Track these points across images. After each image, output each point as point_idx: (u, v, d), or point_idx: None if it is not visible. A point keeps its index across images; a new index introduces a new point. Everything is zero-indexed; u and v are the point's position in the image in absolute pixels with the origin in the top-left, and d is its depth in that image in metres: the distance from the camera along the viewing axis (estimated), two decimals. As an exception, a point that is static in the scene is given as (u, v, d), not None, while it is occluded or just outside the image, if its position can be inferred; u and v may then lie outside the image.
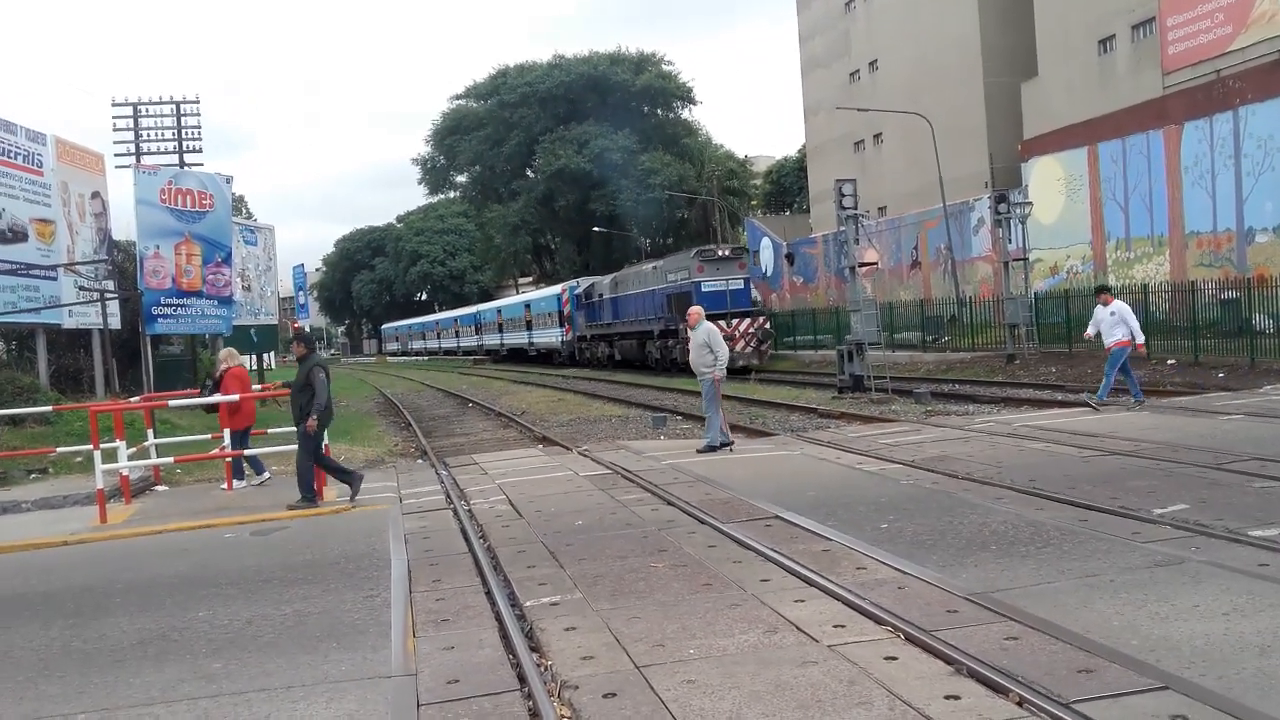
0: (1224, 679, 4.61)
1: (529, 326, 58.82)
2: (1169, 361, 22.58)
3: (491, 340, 69.95)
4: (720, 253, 35.37)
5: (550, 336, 54.30)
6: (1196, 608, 5.63)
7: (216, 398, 13.02)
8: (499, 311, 69.47)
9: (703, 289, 33.47)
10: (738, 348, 31.99)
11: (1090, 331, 16.68)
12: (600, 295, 45.32)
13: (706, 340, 13.54)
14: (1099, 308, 16.22)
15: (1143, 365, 22.90)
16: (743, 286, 35.12)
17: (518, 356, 63.26)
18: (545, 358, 56.61)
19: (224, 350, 14.57)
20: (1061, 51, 37.95)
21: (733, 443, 13.92)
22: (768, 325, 34.85)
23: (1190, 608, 5.64)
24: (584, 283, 49.47)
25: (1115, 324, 15.69)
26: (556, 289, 54.41)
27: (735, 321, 33.19)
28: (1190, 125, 31.79)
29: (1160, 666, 4.81)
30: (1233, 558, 6.60)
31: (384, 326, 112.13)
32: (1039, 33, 39.26)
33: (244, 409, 13.17)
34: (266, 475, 13.42)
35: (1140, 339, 15.98)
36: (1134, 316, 15.98)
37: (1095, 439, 12.13)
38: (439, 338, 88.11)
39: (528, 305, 60.19)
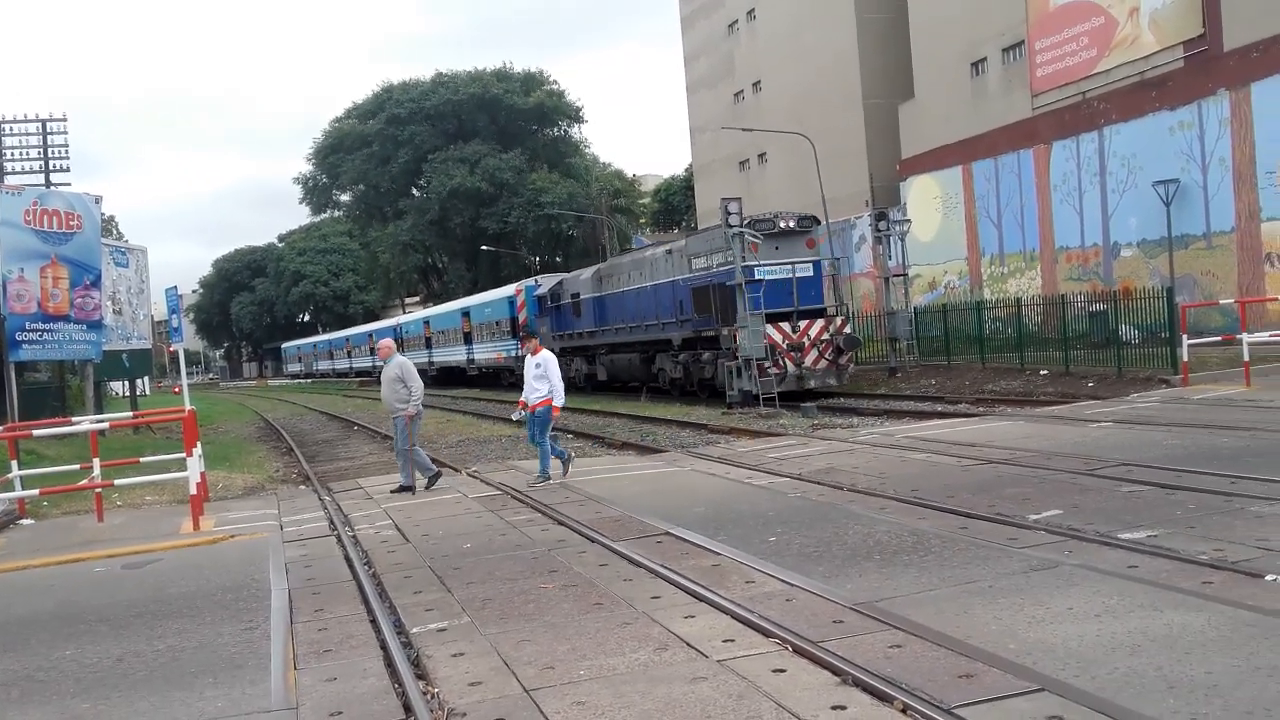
0: (1097, 679, 4.75)
1: (468, 339, 48.27)
2: (1042, 372, 23.38)
3: (418, 358, 54.69)
4: (783, 224, 24.57)
5: (499, 350, 43.53)
6: (1070, 610, 5.81)
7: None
8: (426, 323, 57.65)
9: (756, 275, 23.61)
10: (807, 361, 23.71)
11: (525, 395, 13.07)
12: (575, 295, 34.76)
13: (399, 374, 12.92)
14: (528, 359, 13.19)
15: (1018, 375, 23.73)
16: (813, 274, 25.09)
17: (453, 377, 51.98)
18: (492, 378, 45.30)
19: None
20: (936, 74, 39.20)
21: (413, 487, 12.83)
22: (848, 329, 24.79)
23: (1065, 610, 5.81)
24: (546, 280, 39.23)
25: (539, 378, 12.86)
26: (507, 290, 44.20)
27: (804, 324, 23.91)
28: (1058, 144, 33.18)
29: (1036, 669, 4.93)
30: (1104, 560, 6.82)
31: (285, 345, 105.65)
32: (915, 56, 40.50)
33: None
34: None
35: (560, 400, 12.96)
36: (558, 372, 13.13)
37: (974, 448, 12.47)
38: (349, 356, 77.07)
39: (466, 313, 49.09)
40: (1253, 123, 26.61)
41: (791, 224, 24.69)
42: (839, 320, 24.73)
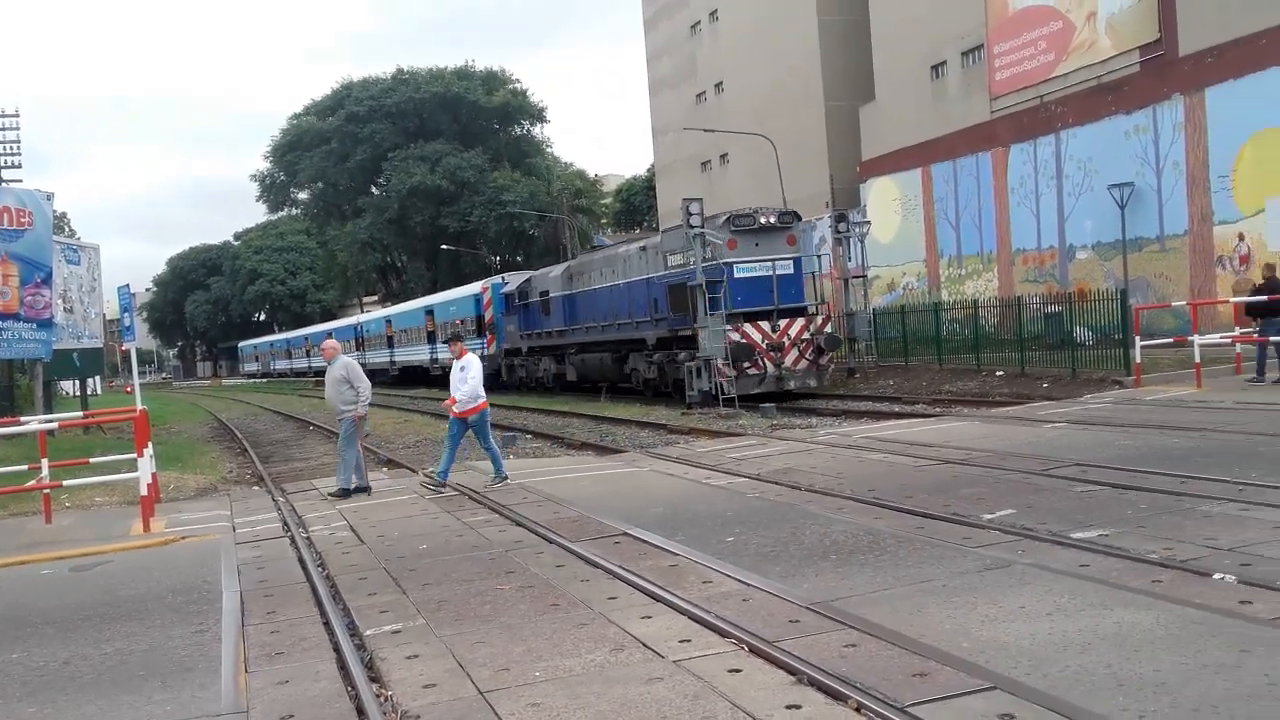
0: (1048, 677, 4.79)
1: (431, 339, 46.89)
2: (998, 373, 23.61)
3: (378, 357, 56.56)
4: (763, 220, 24.09)
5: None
6: (1023, 609, 5.85)
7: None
8: (388, 321, 56.39)
9: (736, 274, 23.38)
10: (787, 361, 23.44)
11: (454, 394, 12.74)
12: (544, 293, 33.53)
13: (345, 375, 12.72)
14: (454, 362, 12.99)
15: (974, 376, 23.94)
16: (793, 271, 24.41)
17: (415, 377, 50.37)
18: None
19: None
20: (897, 76, 39.49)
21: (370, 488, 12.82)
22: (827, 328, 24.51)
23: (1017, 609, 5.86)
24: (514, 278, 37.96)
25: (464, 381, 12.61)
26: (474, 287, 43.20)
27: (784, 324, 23.50)
28: (1016, 148, 33.53)
29: (989, 667, 4.97)
30: (1056, 559, 6.89)
31: (241, 344, 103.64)
32: (876, 58, 40.76)
33: None
34: None
35: (460, 400, 12.55)
36: (479, 377, 12.76)
37: (930, 448, 12.56)
38: (307, 355, 73.90)
39: (430, 311, 47.71)
40: (1206, 127, 27.04)
41: (772, 219, 24.15)
42: (820, 319, 24.29)
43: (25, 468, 13.16)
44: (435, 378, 46.44)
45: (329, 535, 10.10)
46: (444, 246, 67.64)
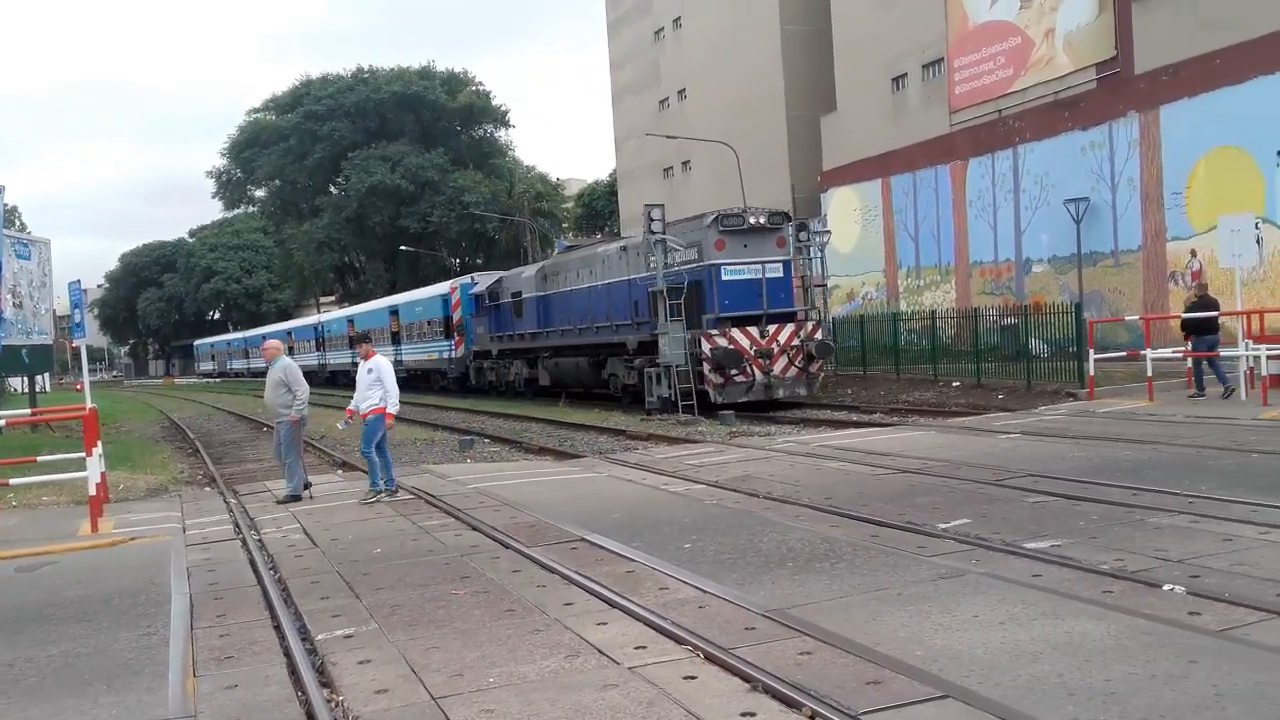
0: (1000, 686, 4.83)
1: (396, 340, 45.59)
2: (954, 383, 23.84)
3: (339, 358, 54.81)
4: (753, 220, 23.00)
5: (430, 352, 41.44)
6: (976, 618, 5.90)
7: None
8: (350, 321, 54.45)
9: (723, 276, 22.59)
10: (776, 368, 22.62)
11: (354, 403, 12.44)
12: (516, 294, 32.29)
13: (283, 378, 12.49)
14: (360, 364, 12.61)
15: (931, 386, 24.14)
16: (783, 274, 23.50)
17: None
18: (422, 379, 42.75)
19: None
20: (858, 87, 39.79)
21: (310, 482, 12.92)
22: (818, 334, 23.46)
23: (971, 618, 5.90)
24: (484, 278, 36.82)
25: (372, 385, 12.22)
26: (441, 287, 42.03)
27: (773, 329, 22.63)
28: (974, 161, 33.88)
29: (942, 676, 5.00)
30: (1009, 569, 6.96)
31: (197, 343, 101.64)
32: (838, 69, 41.05)
33: None
34: None
35: (394, 408, 12.33)
36: (393, 377, 12.41)
37: (887, 458, 12.64)
38: None
39: (395, 311, 46.54)
40: (1160, 144, 27.46)
41: (761, 220, 23.11)
42: (810, 325, 23.43)
43: (-30, 466, 12.91)
44: (400, 380, 46.28)
45: (281, 538, 9.98)
46: (403, 247, 67.21)
